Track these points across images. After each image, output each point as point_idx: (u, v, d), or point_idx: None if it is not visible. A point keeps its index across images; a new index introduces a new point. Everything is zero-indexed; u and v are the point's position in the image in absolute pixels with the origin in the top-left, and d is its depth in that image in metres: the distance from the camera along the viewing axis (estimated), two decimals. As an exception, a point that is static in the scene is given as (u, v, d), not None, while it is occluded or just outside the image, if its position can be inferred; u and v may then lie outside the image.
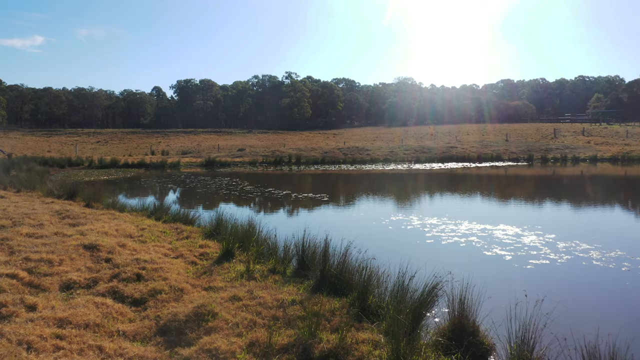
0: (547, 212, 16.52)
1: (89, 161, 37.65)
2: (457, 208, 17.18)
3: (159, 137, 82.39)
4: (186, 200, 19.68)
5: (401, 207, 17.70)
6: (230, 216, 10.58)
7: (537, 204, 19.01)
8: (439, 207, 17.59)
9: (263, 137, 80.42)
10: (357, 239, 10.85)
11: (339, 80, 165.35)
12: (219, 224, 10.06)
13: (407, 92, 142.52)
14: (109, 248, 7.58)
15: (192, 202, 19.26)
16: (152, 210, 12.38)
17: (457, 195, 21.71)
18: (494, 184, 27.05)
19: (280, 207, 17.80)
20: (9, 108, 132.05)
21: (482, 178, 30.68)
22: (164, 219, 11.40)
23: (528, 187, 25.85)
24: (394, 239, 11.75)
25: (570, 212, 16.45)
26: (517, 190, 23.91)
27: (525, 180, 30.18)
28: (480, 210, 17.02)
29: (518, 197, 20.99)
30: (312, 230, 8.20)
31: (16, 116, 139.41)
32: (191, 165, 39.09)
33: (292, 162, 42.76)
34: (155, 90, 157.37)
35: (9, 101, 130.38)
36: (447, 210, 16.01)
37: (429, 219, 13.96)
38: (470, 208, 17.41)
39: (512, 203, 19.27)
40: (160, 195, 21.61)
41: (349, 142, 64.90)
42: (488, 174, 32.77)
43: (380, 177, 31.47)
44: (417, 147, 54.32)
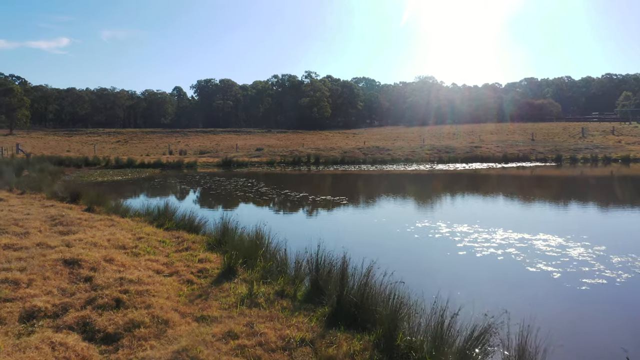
0: (591, 219, 14.99)
1: (106, 161, 37.16)
2: (488, 213, 15.80)
3: (178, 136, 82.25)
4: (196, 203, 18.70)
5: (426, 211, 16.38)
6: (239, 223, 9.51)
7: (578, 208, 17.46)
8: (468, 211, 16.19)
9: (282, 137, 79.55)
10: (380, 250, 9.81)
11: (359, 79, 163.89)
12: (225, 233, 8.97)
13: (427, 91, 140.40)
14: (93, 263, 6.55)
15: (202, 205, 18.25)
16: (156, 215, 11.38)
17: (486, 198, 20.27)
18: (524, 186, 25.43)
19: (294, 211, 16.64)
20: (34, 108, 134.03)
21: (511, 179, 29.07)
22: (166, 225, 10.37)
23: (563, 190, 24.17)
24: (422, 251, 10.48)
25: (617, 219, 14.87)
26: (552, 193, 22.30)
27: (557, 181, 28.47)
28: (515, 215, 15.55)
29: (554, 201, 19.42)
30: (329, 239, 7.07)
31: (41, 116, 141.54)
32: (208, 165, 38.30)
33: (310, 162, 41.65)
34: (176, 90, 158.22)
35: (33, 102, 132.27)
36: (478, 216, 14.65)
37: (458, 226, 12.65)
38: (502, 213, 15.98)
39: (549, 207, 17.71)
40: (170, 198, 20.71)
41: (369, 141, 63.52)
42: (516, 175, 31.12)
43: (402, 178, 30.12)
44: (439, 146, 52.65)
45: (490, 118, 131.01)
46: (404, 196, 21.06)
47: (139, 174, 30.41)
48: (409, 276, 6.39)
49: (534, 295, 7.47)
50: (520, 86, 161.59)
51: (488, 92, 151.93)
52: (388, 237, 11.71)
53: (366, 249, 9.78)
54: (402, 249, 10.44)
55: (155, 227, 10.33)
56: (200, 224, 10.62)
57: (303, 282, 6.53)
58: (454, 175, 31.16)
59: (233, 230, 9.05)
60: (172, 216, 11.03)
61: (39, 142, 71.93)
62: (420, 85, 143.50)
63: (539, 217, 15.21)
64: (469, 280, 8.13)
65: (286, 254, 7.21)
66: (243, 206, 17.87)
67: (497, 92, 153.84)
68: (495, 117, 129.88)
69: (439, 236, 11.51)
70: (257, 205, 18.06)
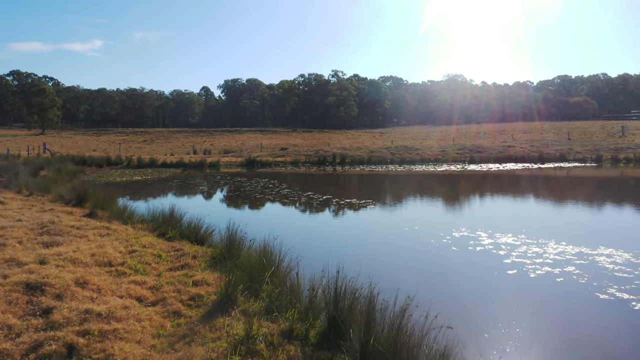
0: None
1: (128, 160, 36.59)
2: (533, 220, 14.04)
3: (204, 136, 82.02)
4: (208, 207, 17.47)
5: (462, 217, 14.70)
6: (250, 233, 8.23)
7: (638, 215, 15.51)
8: (509, 218, 14.44)
9: (307, 136, 78.37)
10: (414, 271, 8.38)
11: (386, 78, 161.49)
12: (231, 246, 7.67)
13: (457, 89, 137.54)
14: (60, 289, 5.34)
15: (215, 209, 16.94)
16: (161, 221, 10.16)
17: (528, 202, 18.42)
18: (569, 188, 23.37)
19: (315, 218, 15.12)
20: (66, 109, 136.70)
21: (551, 180, 27.01)
22: (169, 234, 9.14)
23: (613, 193, 22.02)
24: (465, 270, 8.86)
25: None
26: (602, 197, 20.24)
27: (604, 183, 26.27)
28: (565, 223, 13.68)
29: (607, 206, 17.47)
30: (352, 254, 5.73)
31: (73, 116, 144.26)
32: (231, 165, 37.33)
33: (336, 162, 40.23)
34: (204, 90, 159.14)
35: (65, 102, 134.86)
36: (522, 224, 12.96)
37: (502, 236, 11.04)
38: (550, 220, 14.13)
39: (603, 214, 15.72)
40: (183, 199, 19.63)
41: (396, 141, 61.71)
42: (556, 176, 28.99)
43: (433, 179, 28.40)
44: (470, 146, 50.51)
45: (521, 117, 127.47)
46: (436, 199, 19.44)
47: (159, 174, 29.59)
48: (454, 312, 4.94)
49: (630, 336, 5.91)
50: (552, 84, 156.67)
51: (519, 90, 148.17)
52: (422, 250, 10.14)
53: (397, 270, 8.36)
54: (440, 269, 8.83)
55: (156, 236, 9.11)
56: (206, 233, 9.35)
57: (318, 317, 5.14)
58: (488, 176, 29.26)
59: (240, 242, 7.75)
60: (177, 223, 9.79)
61: (68, 141, 72.66)
62: (449, 84, 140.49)
63: (594, 225, 13.39)
64: (529, 313, 6.58)
65: (299, 278, 5.81)
66: (259, 211, 16.62)
67: (528, 91, 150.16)
68: (527, 116, 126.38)
69: (480, 249, 9.94)
70: (275, 210, 16.73)
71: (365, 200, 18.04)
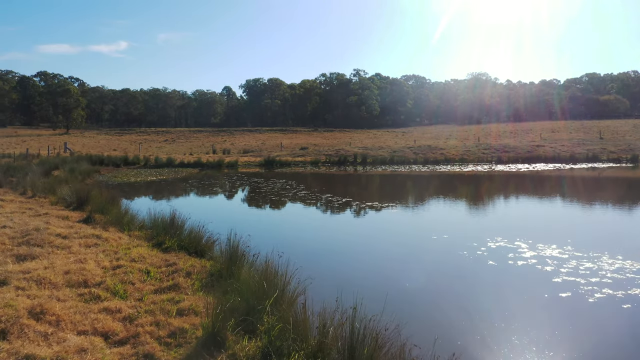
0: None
1: (145, 160, 35.99)
2: (579, 228, 12.51)
3: (224, 135, 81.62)
4: (218, 210, 16.37)
5: (497, 224, 13.23)
6: (255, 245, 7.13)
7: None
8: (550, 226, 12.88)
9: (328, 136, 77.22)
10: (449, 294, 6.93)
11: (409, 77, 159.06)
12: (232, 261, 6.54)
13: (481, 88, 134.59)
14: (8, 322, 4.28)
15: (225, 213, 15.76)
16: (162, 228, 9.10)
17: (568, 206, 16.78)
18: (610, 191, 21.60)
19: (332, 225, 13.60)
20: (91, 109, 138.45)
21: (589, 182, 25.24)
22: (166, 244, 8.07)
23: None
24: (510, 292, 7.35)
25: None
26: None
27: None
28: (617, 233, 11.99)
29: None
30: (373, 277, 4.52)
31: (97, 116, 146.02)
32: (249, 165, 36.41)
33: (357, 161, 38.94)
34: (226, 90, 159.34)
35: (90, 102, 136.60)
36: (566, 232, 11.51)
37: (545, 248, 9.65)
38: (599, 229, 12.48)
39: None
40: (192, 202, 18.68)
41: (419, 140, 60.07)
42: (593, 177, 27.17)
43: (460, 179, 26.89)
44: (496, 145, 48.59)
45: (547, 115, 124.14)
46: (465, 202, 18.01)
47: (175, 174, 28.81)
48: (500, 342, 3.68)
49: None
50: (580, 82, 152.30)
51: (545, 88, 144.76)
52: (455, 266, 8.71)
53: (429, 297, 7.10)
54: (479, 292, 7.43)
55: (152, 246, 8.05)
56: (208, 243, 8.25)
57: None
58: (518, 177, 27.61)
59: (242, 257, 6.63)
60: (177, 231, 8.72)
61: (91, 140, 73.02)
62: (473, 82, 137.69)
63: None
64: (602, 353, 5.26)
65: (306, 309, 4.58)
66: (271, 216, 15.33)
67: (554, 89, 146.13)
68: (553, 115, 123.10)
69: (522, 264, 8.58)
70: (288, 215, 15.48)
71: (388, 204, 16.77)
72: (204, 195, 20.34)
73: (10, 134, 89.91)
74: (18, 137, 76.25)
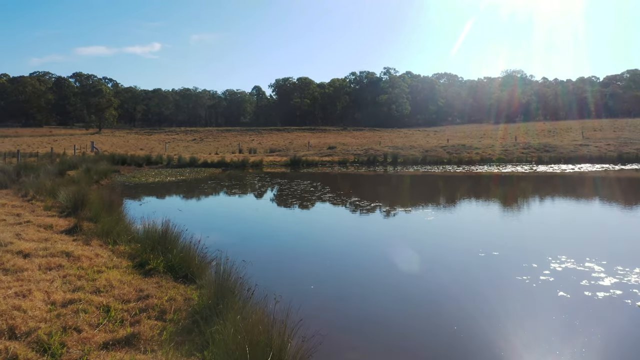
0: None
1: (168, 160, 35.02)
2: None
3: (252, 134, 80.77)
4: (226, 218, 14.70)
5: (557, 237, 10.93)
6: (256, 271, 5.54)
7: None
8: (625, 241, 10.65)
9: (357, 135, 75.32)
10: (512, 342, 5.02)
11: (440, 75, 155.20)
12: (221, 296, 4.92)
13: (515, 85, 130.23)
14: None
15: (232, 222, 13.83)
16: (152, 241, 7.54)
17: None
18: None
19: (355, 240, 11.24)
20: (124, 109, 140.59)
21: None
22: (151, 264, 6.54)
23: None
24: (596, 343, 5.35)
25: None
26: None
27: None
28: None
29: None
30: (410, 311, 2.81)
31: (130, 116, 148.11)
32: (274, 165, 34.99)
33: (387, 161, 37.01)
34: (255, 89, 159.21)
35: (123, 102, 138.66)
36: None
37: (627, 272, 7.67)
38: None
39: None
40: (202, 207, 17.24)
41: (452, 139, 57.56)
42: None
43: (500, 181, 24.69)
44: (536, 145, 45.79)
45: (588, 114, 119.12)
46: (512, 208, 15.95)
47: (196, 174, 27.58)
48: None
49: None
50: (621, 79, 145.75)
51: (584, 85, 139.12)
52: (517, 298, 6.75)
53: (495, 345, 5.27)
54: (558, 341, 5.47)
55: (133, 266, 6.53)
56: (203, 263, 6.68)
57: None
58: (566, 178, 25.19)
59: (234, 290, 5.00)
60: (170, 245, 7.17)
61: (120, 140, 73.30)
62: (508, 80, 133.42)
63: None
64: None
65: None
66: (284, 227, 13.13)
67: (594, 86, 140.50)
68: (593, 113, 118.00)
69: (604, 296, 6.62)
70: (304, 225, 13.52)
71: (422, 209, 14.92)
72: (217, 199, 18.93)
73: (44, 133, 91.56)
74: (50, 137, 77.31)
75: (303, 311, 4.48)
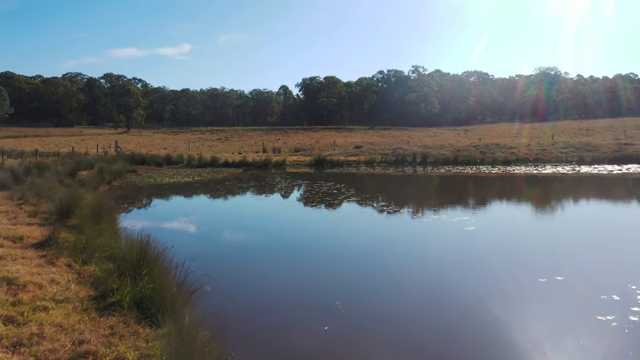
0: None
1: (189, 159, 33.97)
2: None
3: (278, 134, 79.64)
4: (238, 224, 13.06)
5: (636, 260, 8.86)
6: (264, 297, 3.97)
7: None
8: None
9: (385, 134, 73.26)
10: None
11: (470, 73, 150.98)
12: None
13: (549, 83, 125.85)
14: None
15: (237, 233, 11.96)
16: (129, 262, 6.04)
17: None
18: None
19: (381, 253, 9.59)
20: (153, 109, 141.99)
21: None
22: (114, 296, 5.03)
23: None
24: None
25: None
26: None
27: None
28: None
29: None
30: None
31: (159, 116, 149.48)
32: (298, 165, 33.51)
33: (416, 161, 35.05)
34: (282, 88, 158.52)
35: (152, 102, 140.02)
36: None
37: None
38: None
39: None
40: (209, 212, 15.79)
41: (484, 138, 54.95)
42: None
43: (543, 183, 22.54)
44: (576, 144, 42.95)
45: (627, 112, 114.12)
46: (566, 218, 13.93)
47: (215, 174, 26.29)
48: None
49: None
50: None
51: (621, 83, 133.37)
52: (595, 347, 5.06)
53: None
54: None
55: (91, 299, 5.03)
56: (185, 294, 5.14)
57: None
58: (618, 180, 22.80)
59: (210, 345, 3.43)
60: (148, 268, 5.67)
61: (146, 139, 73.20)
62: (540, 78, 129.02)
63: None
64: None
65: None
66: (297, 241, 11.20)
67: (633, 83, 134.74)
68: (631, 111, 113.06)
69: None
70: (325, 234, 11.78)
71: (460, 216, 13.07)
72: (229, 203, 17.53)
73: (74, 133, 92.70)
74: (79, 137, 77.94)
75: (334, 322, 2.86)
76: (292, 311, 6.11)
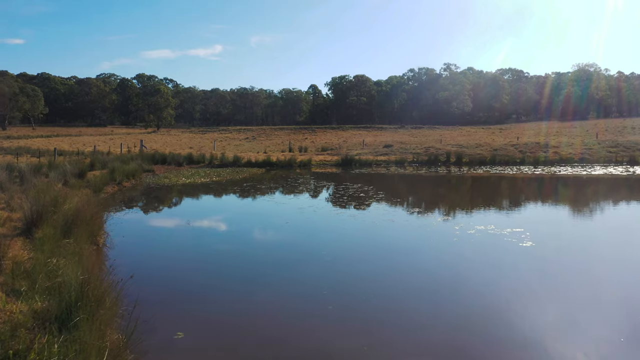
0: None
1: (210, 158, 32.61)
2: None
3: (306, 133, 78.03)
4: (240, 237, 11.43)
5: None
6: None
7: None
8: None
9: (416, 133, 70.66)
10: None
11: (504, 70, 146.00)
12: None
13: (588, 80, 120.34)
14: None
15: (248, 242, 10.49)
16: (65, 303, 4.37)
17: None
18: None
19: (420, 274, 7.99)
20: (184, 108, 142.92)
21: None
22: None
23: None
24: None
25: None
26: None
27: None
28: None
29: None
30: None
31: (190, 116, 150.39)
32: (324, 165, 31.72)
33: (450, 161, 32.75)
34: (311, 88, 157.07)
35: (183, 102, 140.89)
36: None
37: None
38: None
39: None
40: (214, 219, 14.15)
41: (522, 137, 51.88)
42: None
43: (600, 186, 20.05)
44: (624, 143, 39.71)
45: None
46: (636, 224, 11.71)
47: (235, 175, 24.72)
48: None
49: None
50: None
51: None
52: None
53: None
54: None
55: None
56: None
57: None
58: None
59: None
60: (86, 314, 3.96)
61: (173, 139, 72.78)
62: (579, 75, 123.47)
63: None
64: None
65: None
66: (319, 246, 9.68)
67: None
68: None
69: None
70: (349, 246, 10.00)
71: (511, 229, 10.99)
72: (241, 208, 15.89)
73: (106, 132, 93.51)
74: (108, 136, 78.22)
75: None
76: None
